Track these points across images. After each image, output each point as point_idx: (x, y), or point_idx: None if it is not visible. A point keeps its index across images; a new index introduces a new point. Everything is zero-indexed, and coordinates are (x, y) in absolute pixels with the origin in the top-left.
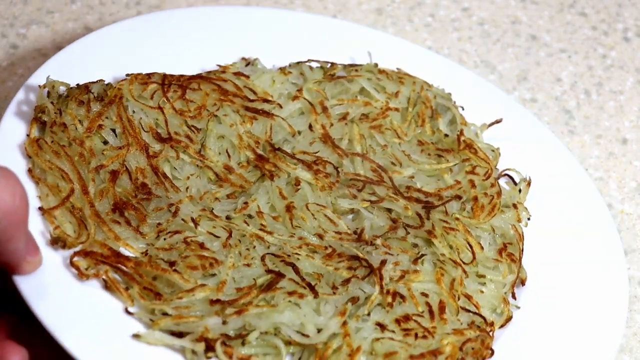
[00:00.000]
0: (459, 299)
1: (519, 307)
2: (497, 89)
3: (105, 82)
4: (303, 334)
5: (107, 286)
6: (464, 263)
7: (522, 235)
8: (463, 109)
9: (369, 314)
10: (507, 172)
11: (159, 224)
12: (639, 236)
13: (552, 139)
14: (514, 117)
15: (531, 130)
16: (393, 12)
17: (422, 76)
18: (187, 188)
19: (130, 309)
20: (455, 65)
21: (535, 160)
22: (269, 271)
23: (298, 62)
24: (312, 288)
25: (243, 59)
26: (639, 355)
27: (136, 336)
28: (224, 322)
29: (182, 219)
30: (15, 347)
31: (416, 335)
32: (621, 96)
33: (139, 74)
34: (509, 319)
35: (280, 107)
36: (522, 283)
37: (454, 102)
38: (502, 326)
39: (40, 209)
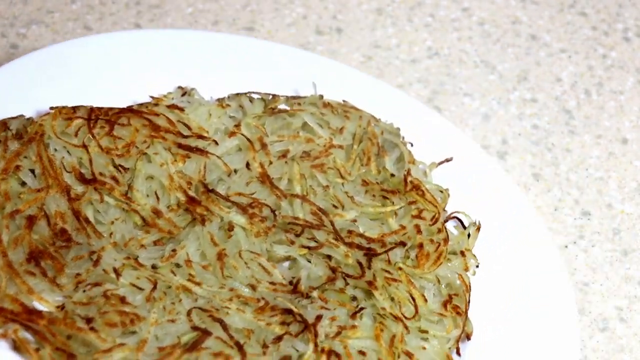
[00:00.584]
0: (399, 357)
1: None
2: (450, 124)
3: (26, 117)
4: None
5: (16, 347)
6: (405, 318)
7: (469, 286)
8: (412, 145)
9: None
10: (455, 214)
11: (78, 274)
12: (639, 236)
13: (504, 179)
14: (466, 154)
15: (483, 169)
16: (393, 12)
17: (371, 108)
18: (111, 234)
19: None
20: (406, 97)
21: (486, 201)
22: (194, 328)
23: (237, 94)
24: (240, 348)
25: (179, 87)
26: (639, 355)
27: None
28: None
29: (104, 269)
30: None
31: None
32: (621, 96)
33: (63, 108)
34: None
35: (216, 143)
36: (468, 337)
37: (403, 138)
38: None
39: None
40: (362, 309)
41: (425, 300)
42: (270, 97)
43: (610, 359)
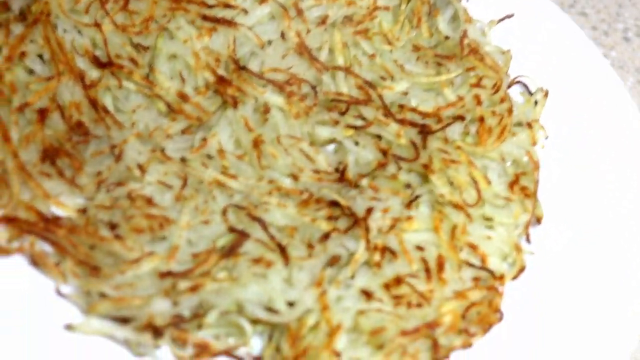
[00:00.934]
0: (461, 250)
1: (533, 253)
2: None
3: None
4: (272, 311)
5: (35, 261)
6: (467, 205)
7: (538, 163)
8: (467, 1)
9: (352, 277)
10: (520, 79)
11: (99, 172)
12: None
13: (578, 34)
14: (531, 6)
15: (552, 23)
16: None
17: None
18: (133, 124)
19: (63, 290)
20: None
21: (556, 62)
22: (231, 229)
23: None
24: (282, 250)
25: None
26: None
27: (69, 327)
28: (175, 303)
29: (127, 166)
30: None
31: (409, 304)
32: None
33: None
34: (522, 269)
35: (246, 12)
36: (538, 221)
37: None
38: (514, 278)
39: None
40: (417, 196)
41: (489, 183)
42: None
43: None
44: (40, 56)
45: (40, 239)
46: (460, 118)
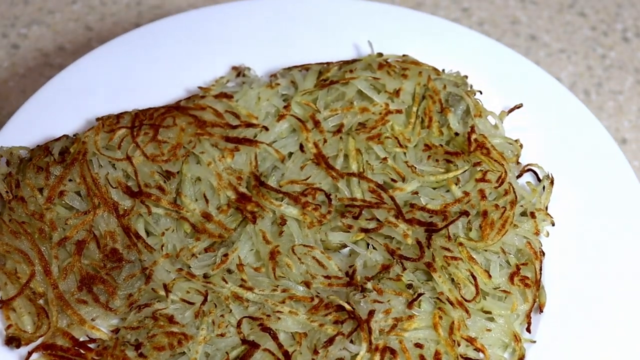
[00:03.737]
0: (459, 345)
1: (534, 342)
2: (528, 60)
3: (69, 136)
4: None
5: None
6: (465, 300)
7: (540, 252)
8: (481, 93)
9: None
10: (530, 167)
11: (131, 294)
12: None
13: (590, 119)
14: (548, 93)
15: (564, 111)
16: None
17: (436, 52)
18: (162, 246)
19: None
20: (477, 35)
21: (572, 149)
22: (244, 341)
23: (289, 68)
24: (288, 358)
25: (233, 68)
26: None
27: None
28: None
29: (153, 288)
30: None
31: None
32: (620, 96)
33: (108, 118)
34: (522, 358)
35: (267, 129)
36: (540, 309)
37: (471, 87)
38: None
39: None
40: (419, 295)
41: (490, 277)
42: (325, 64)
43: None
44: (78, 192)
45: None
46: (465, 214)
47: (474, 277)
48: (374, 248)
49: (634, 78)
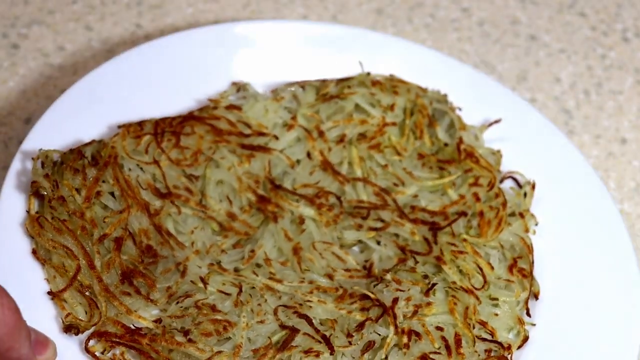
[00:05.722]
0: (474, 327)
1: (534, 325)
2: (495, 82)
3: (98, 141)
4: None
5: None
6: (475, 289)
7: (531, 247)
8: (460, 110)
9: (386, 358)
10: (510, 175)
11: (169, 287)
12: (638, 236)
13: (555, 133)
14: (515, 111)
15: (534, 125)
16: (393, 13)
17: (417, 75)
18: (193, 243)
19: None
20: (450, 61)
21: (540, 157)
22: (282, 326)
23: (289, 84)
24: (327, 341)
25: (233, 84)
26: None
27: None
28: None
29: (191, 280)
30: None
31: None
32: (620, 96)
33: (131, 125)
34: (526, 339)
35: (276, 138)
36: (536, 297)
37: (451, 104)
38: (519, 347)
39: (49, 292)
40: (434, 285)
41: (492, 268)
42: (321, 81)
43: None
44: (112, 193)
45: (128, 349)
46: (464, 214)
47: (480, 269)
48: (385, 245)
49: (633, 78)
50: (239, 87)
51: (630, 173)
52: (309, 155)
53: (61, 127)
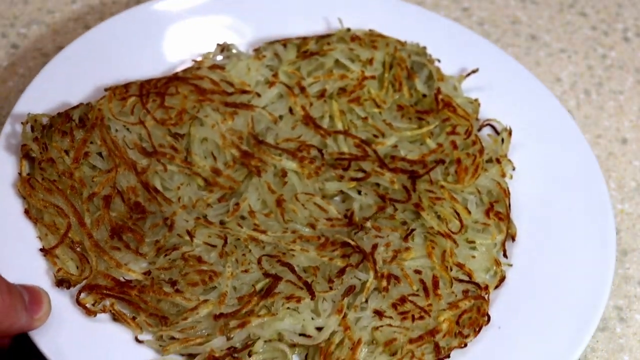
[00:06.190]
0: (451, 269)
1: (511, 265)
2: (474, 33)
3: (85, 104)
4: (305, 336)
5: (116, 318)
6: (452, 233)
7: (508, 191)
8: (439, 62)
9: (366, 301)
10: (488, 122)
11: (157, 241)
12: (638, 236)
13: (533, 81)
14: (493, 61)
15: (512, 73)
16: None
17: (396, 29)
18: (179, 198)
19: (140, 337)
20: (429, 14)
21: (518, 105)
22: (266, 274)
23: (271, 42)
24: (309, 287)
25: (218, 45)
26: (638, 355)
27: None
28: (229, 338)
29: (178, 233)
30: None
31: (413, 318)
32: (621, 96)
33: (117, 88)
34: (503, 278)
35: (259, 95)
36: (513, 239)
37: (430, 56)
38: (496, 287)
39: (42, 249)
40: (412, 230)
41: (469, 213)
42: (301, 40)
43: (609, 359)
44: (100, 154)
45: (117, 300)
46: (442, 162)
47: (458, 213)
48: (365, 194)
49: (634, 78)
50: (223, 48)
51: (630, 173)
52: (290, 110)
53: (49, 92)
